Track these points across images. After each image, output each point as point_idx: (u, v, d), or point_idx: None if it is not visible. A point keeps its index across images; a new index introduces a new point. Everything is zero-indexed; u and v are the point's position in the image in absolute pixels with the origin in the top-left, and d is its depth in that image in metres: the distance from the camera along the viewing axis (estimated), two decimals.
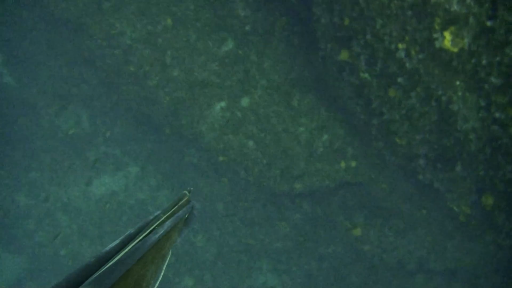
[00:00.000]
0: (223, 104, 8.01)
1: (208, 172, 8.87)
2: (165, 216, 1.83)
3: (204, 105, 8.06)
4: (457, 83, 5.15)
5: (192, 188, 2.06)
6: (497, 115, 4.97)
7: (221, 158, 8.21)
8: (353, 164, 7.73)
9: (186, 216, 1.98)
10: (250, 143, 7.97)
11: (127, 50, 8.25)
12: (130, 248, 1.60)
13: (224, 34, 7.96)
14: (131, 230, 1.72)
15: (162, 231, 1.72)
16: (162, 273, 1.77)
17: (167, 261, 1.81)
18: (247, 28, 7.87)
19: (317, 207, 8.32)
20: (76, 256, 9.73)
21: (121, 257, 1.54)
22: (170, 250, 1.86)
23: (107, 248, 1.60)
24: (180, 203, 1.94)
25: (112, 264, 1.50)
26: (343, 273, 8.57)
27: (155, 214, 1.84)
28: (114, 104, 9.48)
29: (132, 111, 9.09)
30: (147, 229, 1.73)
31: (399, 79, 5.67)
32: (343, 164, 7.76)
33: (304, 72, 7.69)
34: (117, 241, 1.65)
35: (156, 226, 1.76)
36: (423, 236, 7.86)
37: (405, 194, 7.65)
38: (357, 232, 8.07)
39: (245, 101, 7.93)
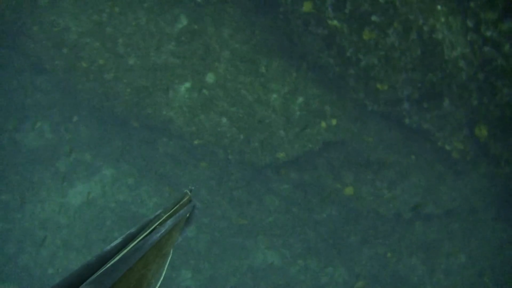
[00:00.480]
0: (187, 84, 7.15)
1: (185, 159, 8.02)
2: (166, 215, 1.76)
3: (168, 90, 7.18)
4: (439, 8, 4.45)
5: (193, 188, 1.98)
6: (488, 34, 4.29)
7: (196, 142, 7.38)
8: (334, 122, 7.02)
9: (187, 215, 1.91)
10: (224, 120, 7.16)
11: (76, 46, 7.27)
12: (131, 247, 1.53)
13: (175, 11, 7.06)
14: (132, 230, 1.65)
15: (163, 230, 1.66)
16: (164, 273, 1.69)
17: (168, 260, 1.74)
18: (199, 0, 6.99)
19: (304, 174, 7.60)
20: (65, 272, 8.79)
21: (122, 256, 1.47)
22: (172, 249, 1.78)
23: (108, 248, 1.52)
24: (182, 202, 1.86)
25: (113, 263, 1.44)
26: (341, 235, 7.92)
27: (156, 213, 1.78)
28: (74, 107, 8.48)
29: (94, 110, 8.12)
30: (148, 228, 1.66)
31: (373, 18, 4.93)
32: (323, 124, 7.04)
33: (267, 35, 6.88)
34: (118, 240, 1.58)
35: (158, 225, 1.69)
36: (416, 183, 7.26)
37: (392, 143, 7.00)
38: (349, 191, 7.41)
39: (210, 77, 7.08)
